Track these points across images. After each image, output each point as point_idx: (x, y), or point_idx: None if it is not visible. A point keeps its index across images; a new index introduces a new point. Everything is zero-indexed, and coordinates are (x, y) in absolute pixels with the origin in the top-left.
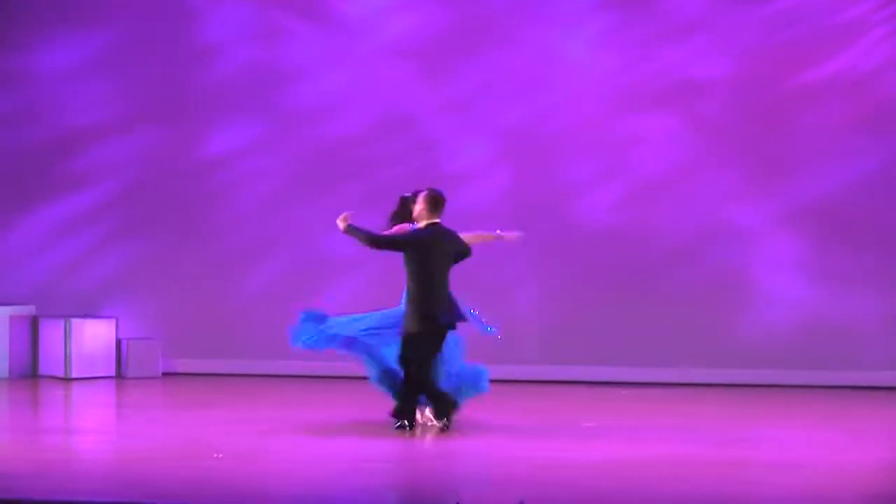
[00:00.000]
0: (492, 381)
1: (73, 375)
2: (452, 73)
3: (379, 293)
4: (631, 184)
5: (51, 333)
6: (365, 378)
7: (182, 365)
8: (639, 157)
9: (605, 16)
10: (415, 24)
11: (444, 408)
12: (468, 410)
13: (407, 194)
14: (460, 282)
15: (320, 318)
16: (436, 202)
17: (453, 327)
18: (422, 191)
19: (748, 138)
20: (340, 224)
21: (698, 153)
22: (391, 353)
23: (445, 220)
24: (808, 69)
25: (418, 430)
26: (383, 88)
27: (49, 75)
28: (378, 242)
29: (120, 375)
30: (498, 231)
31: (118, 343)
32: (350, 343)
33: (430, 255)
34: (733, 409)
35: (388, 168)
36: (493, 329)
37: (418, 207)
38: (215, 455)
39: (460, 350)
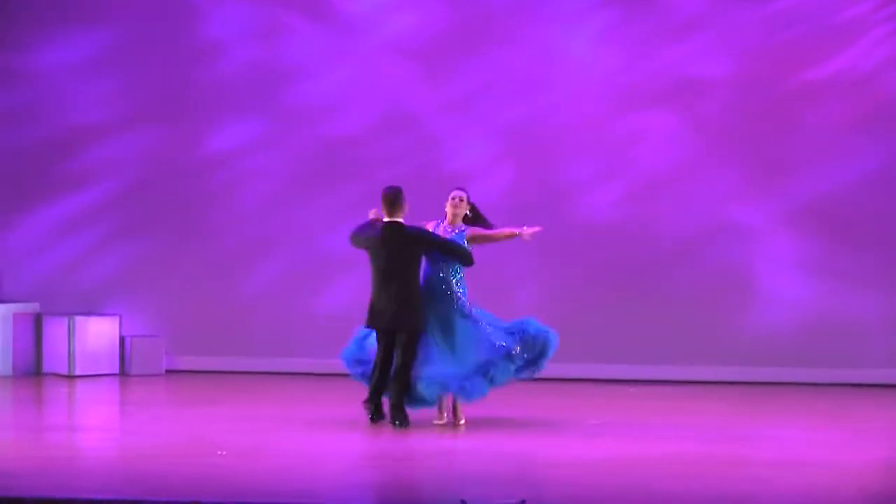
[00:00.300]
0: None
1: (77, 373)
2: (453, 72)
3: None
4: (632, 183)
5: (54, 331)
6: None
7: (185, 362)
8: (640, 156)
9: (605, 14)
10: (415, 22)
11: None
12: (472, 409)
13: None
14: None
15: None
16: (390, 201)
17: (404, 329)
18: (457, 189)
19: (749, 137)
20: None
21: (699, 152)
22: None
23: (444, 217)
24: (809, 68)
25: (438, 427)
26: (384, 87)
27: (52, 74)
28: (350, 239)
29: (123, 373)
30: (524, 228)
31: (122, 340)
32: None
33: (378, 255)
34: (735, 407)
35: (390, 167)
36: (506, 345)
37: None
38: (219, 452)
39: (444, 350)
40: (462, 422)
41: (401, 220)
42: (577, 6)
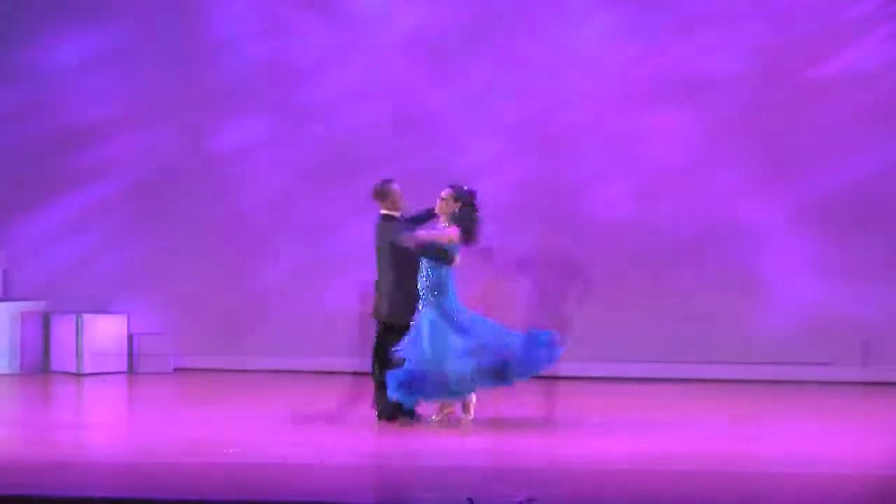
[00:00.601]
0: None
1: (85, 371)
2: (461, 69)
3: None
4: (640, 179)
5: (62, 329)
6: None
7: (193, 360)
8: (648, 153)
9: (614, 11)
10: (423, 20)
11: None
12: (477, 408)
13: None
14: (466, 276)
15: None
16: (380, 195)
17: (393, 322)
18: (448, 186)
19: (758, 134)
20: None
21: (708, 149)
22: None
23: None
24: (820, 65)
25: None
26: (392, 84)
27: (60, 71)
28: None
29: (131, 371)
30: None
31: (130, 338)
32: None
33: (375, 248)
34: (743, 405)
35: (397, 164)
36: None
37: None
38: (226, 450)
39: (422, 346)
40: (471, 418)
41: (391, 212)
42: (585, 2)
